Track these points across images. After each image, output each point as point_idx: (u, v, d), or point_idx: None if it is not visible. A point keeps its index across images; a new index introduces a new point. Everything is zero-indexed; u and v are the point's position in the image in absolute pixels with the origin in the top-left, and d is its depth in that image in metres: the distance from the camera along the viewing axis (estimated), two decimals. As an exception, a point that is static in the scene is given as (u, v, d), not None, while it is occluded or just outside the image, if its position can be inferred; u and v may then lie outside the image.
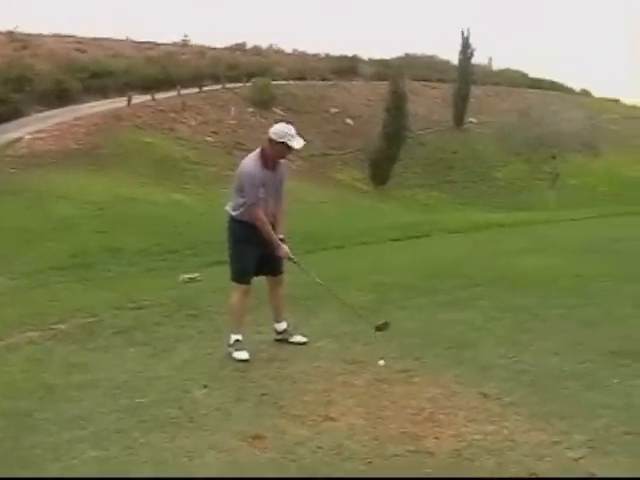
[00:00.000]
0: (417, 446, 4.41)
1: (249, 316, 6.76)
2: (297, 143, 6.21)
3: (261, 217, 6.24)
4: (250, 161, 6.31)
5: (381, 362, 5.85)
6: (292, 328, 6.76)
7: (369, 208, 31.01)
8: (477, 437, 4.52)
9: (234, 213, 6.41)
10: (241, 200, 6.32)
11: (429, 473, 4.06)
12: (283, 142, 6.17)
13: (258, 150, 6.35)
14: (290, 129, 6.25)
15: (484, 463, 4.18)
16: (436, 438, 4.51)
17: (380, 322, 6.44)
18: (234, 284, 6.47)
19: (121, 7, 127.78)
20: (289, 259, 6.44)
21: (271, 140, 6.21)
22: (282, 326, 6.72)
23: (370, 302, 8.21)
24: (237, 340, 6.35)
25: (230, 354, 6.30)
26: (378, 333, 6.51)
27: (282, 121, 6.71)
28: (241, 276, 6.42)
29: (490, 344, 6.50)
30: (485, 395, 5.22)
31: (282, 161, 6.43)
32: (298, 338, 6.68)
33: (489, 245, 13.82)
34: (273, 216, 6.40)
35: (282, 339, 6.71)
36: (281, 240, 6.37)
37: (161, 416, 4.95)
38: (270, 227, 6.29)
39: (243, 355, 6.24)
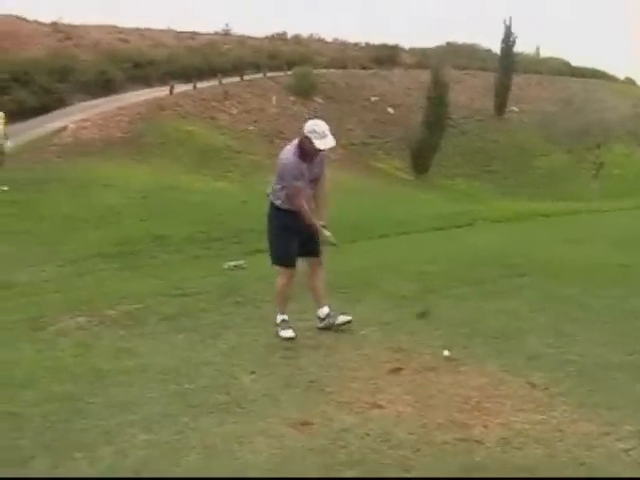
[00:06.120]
0: (465, 434, 4.41)
1: (294, 304, 6.81)
2: (322, 143, 6.19)
3: (302, 204, 6.34)
4: (288, 152, 6.38)
5: (446, 352, 5.85)
6: (335, 311, 6.77)
7: (411, 197, 30.88)
8: (525, 426, 4.51)
9: (276, 201, 6.52)
10: (281, 188, 6.43)
11: (478, 461, 4.06)
12: (308, 138, 6.19)
13: (297, 141, 6.39)
14: (320, 127, 6.21)
15: (533, 452, 4.17)
16: (484, 427, 4.51)
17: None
18: (279, 268, 6.63)
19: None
20: (330, 243, 6.54)
21: (304, 133, 6.26)
22: (325, 310, 6.72)
23: (414, 291, 8.20)
24: (283, 320, 6.55)
25: (277, 333, 6.48)
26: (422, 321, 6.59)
27: (317, 117, 6.68)
28: (286, 261, 6.56)
29: (536, 334, 6.48)
30: (532, 385, 5.20)
31: (321, 154, 6.44)
32: (343, 318, 6.70)
33: (533, 235, 13.74)
34: (312, 203, 6.50)
35: (326, 326, 6.69)
36: (323, 227, 6.47)
37: (210, 401, 4.99)
38: (310, 213, 6.38)
39: (289, 333, 6.43)
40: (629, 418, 4.57)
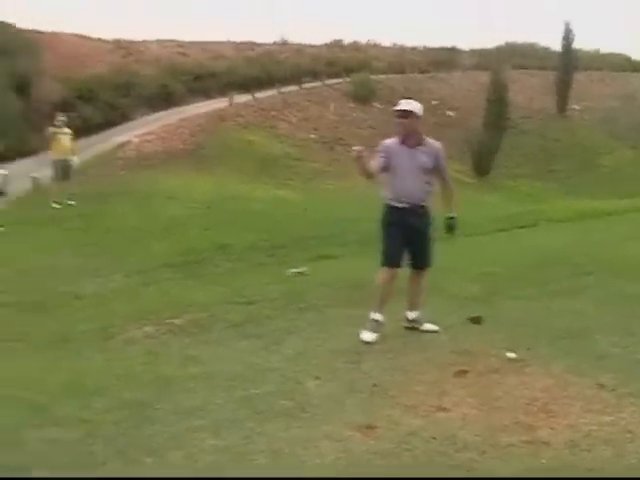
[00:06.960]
0: (531, 436, 4.37)
1: (359, 310, 6.83)
2: (399, 105, 6.48)
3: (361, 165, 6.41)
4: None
5: (511, 354, 5.82)
6: (424, 317, 6.85)
7: (472, 199, 30.52)
8: (593, 428, 4.45)
9: (384, 197, 6.62)
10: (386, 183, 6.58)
11: (545, 463, 4.03)
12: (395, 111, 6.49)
13: None
14: (405, 101, 6.58)
15: (601, 454, 4.12)
16: (551, 428, 4.47)
17: (475, 315, 6.38)
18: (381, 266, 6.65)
19: (220, 9, 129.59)
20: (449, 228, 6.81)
21: None
22: (413, 315, 6.82)
23: (478, 293, 8.17)
24: (374, 320, 6.51)
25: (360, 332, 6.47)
26: (477, 325, 6.62)
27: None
28: (386, 259, 6.59)
29: (603, 333, 6.39)
30: (600, 385, 5.13)
31: (432, 144, 6.60)
32: (429, 326, 6.77)
33: (598, 233, 13.50)
34: (410, 196, 6.53)
35: (412, 327, 6.80)
36: (451, 219, 6.77)
37: (275, 407, 5.04)
38: (363, 168, 6.38)
39: (368, 337, 6.40)
40: (701, 418, 4.48)
